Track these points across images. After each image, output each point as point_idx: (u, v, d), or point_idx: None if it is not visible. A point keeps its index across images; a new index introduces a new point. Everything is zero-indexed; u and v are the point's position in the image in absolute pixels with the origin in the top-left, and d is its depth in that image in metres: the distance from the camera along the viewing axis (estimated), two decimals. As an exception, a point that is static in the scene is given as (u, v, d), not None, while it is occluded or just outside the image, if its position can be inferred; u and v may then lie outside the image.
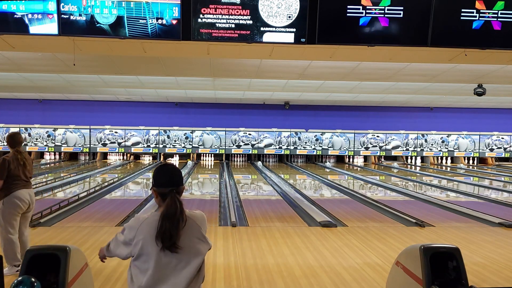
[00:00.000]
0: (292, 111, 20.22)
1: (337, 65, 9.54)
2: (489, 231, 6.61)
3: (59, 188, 10.96)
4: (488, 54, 6.67)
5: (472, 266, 4.72)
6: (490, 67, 9.36)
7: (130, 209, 7.99)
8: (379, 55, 7.27)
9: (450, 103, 19.03)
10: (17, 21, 5.17)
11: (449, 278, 2.43)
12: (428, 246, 2.53)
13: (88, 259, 2.74)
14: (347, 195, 10.59)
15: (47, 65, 9.65)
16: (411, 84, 12.55)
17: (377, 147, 21.07)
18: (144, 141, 20.32)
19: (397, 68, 9.82)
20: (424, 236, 6.28)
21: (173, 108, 20.17)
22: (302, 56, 7.49)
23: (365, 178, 14.69)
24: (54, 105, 19.78)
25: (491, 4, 5.25)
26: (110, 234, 6.03)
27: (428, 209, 8.54)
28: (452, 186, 13.36)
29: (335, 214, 7.72)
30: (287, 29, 5.28)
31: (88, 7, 5.13)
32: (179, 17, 5.20)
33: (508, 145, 21.56)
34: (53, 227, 6.50)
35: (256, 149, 20.64)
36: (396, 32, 5.33)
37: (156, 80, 12.65)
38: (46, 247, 2.47)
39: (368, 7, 5.20)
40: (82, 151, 20.20)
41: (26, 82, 12.92)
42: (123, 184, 12.18)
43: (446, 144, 21.35)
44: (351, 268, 4.70)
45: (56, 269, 2.19)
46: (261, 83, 12.81)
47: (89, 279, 2.69)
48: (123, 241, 2.15)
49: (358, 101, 18.24)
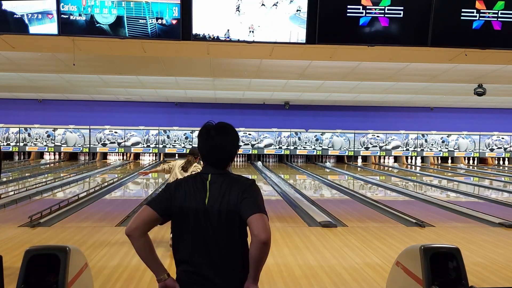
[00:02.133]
0: (292, 111, 20.21)
1: (337, 65, 9.54)
2: (489, 231, 6.61)
3: (59, 188, 10.96)
4: (488, 54, 6.67)
5: (472, 266, 4.71)
6: (490, 67, 9.36)
7: (130, 209, 7.99)
8: (379, 55, 7.27)
9: (450, 103, 19.03)
10: (17, 21, 5.17)
11: (449, 278, 2.43)
12: (428, 246, 2.53)
13: (88, 259, 2.74)
14: (347, 195, 10.59)
15: (47, 65, 9.65)
16: (411, 84, 12.54)
17: (377, 147, 21.07)
18: (144, 141, 20.32)
19: (397, 68, 9.81)
20: (424, 236, 6.28)
21: (173, 108, 20.17)
22: (302, 56, 7.49)
23: (365, 178, 14.69)
24: (54, 105, 19.78)
25: (491, 4, 5.25)
26: (110, 234, 6.03)
27: (428, 209, 8.54)
28: (452, 186, 13.36)
29: (335, 214, 7.72)
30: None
31: (88, 7, 5.13)
32: (179, 17, 5.20)
33: (508, 145, 21.56)
34: (53, 227, 6.50)
35: (256, 149, 20.64)
36: (396, 32, 5.32)
37: (156, 80, 12.65)
38: (46, 247, 2.47)
39: (368, 7, 5.20)
40: (82, 151, 20.21)
41: (26, 82, 12.92)
42: (123, 184, 12.18)
43: (446, 144, 21.35)
44: (351, 268, 4.70)
45: (56, 269, 2.19)
46: (261, 83, 12.81)
47: (89, 279, 2.68)
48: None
49: (358, 101, 18.24)
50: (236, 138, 2.03)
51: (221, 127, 2.02)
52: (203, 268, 1.92)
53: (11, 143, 19.82)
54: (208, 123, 2.04)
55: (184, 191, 1.96)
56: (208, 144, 1.99)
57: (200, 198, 1.94)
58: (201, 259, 1.93)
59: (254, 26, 5.30)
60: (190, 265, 1.94)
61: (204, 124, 2.05)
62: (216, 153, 1.99)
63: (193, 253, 1.94)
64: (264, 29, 5.32)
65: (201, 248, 1.93)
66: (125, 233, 1.97)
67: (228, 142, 2.00)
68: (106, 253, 5.16)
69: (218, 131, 1.99)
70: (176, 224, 1.98)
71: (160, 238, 5.68)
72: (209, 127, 2.01)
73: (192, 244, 1.94)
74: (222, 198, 1.93)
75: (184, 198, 1.95)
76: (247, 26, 5.30)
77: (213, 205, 1.92)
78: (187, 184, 1.99)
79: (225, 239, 1.92)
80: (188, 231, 1.94)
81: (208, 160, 2.02)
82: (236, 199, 1.92)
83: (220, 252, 1.92)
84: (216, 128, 2.01)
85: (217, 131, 1.99)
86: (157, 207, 1.95)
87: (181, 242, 1.97)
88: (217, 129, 2.00)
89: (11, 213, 7.63)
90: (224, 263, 1.92)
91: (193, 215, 1.93)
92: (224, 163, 2.02)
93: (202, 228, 1.92)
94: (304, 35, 5.31)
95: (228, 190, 1.94)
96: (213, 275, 1.91)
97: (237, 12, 5.24)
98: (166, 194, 1.98)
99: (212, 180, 1.97)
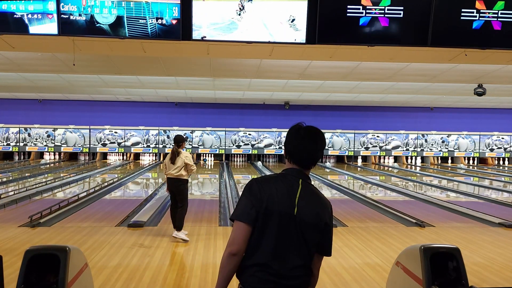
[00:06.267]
0: (292, 111, 20.22)
1: (337, 65, 9.54)
2: (489, 231, 6.61)
3: (59, 188, 10.96)
4: (488, 54, 6.67)
5: (472, 266, 4.71)
6: (490, 67, 9.36)
7: (130, 209, 7.99)
8: (379, 55, 7.27)
9: (450, 103, 19.03)
10: (17, 21, 5.17)
11: (449, 278, 2.43)
12: (428, 246, 2.53)
13: (88, 259, 2.74)
14: (347, 195, 10.59)
15: (47, 65, 9.65)
16: (411, 84, 12.55)
17: (377, 147, 21.08)
18: (144, 141, 20.32)
19: (397, 68, 9.81)
20: (424, 236, 6.28)
21: (173, 108, 20.17)
22: (302, 56, 7.48)
23: (365, 178, 14.69)
24: (54, 105, 19.78)
25: (491, 4, 5.24)
26: (109, 234, 6.03)
27: (428, 209, 8.54)
28: (452, 186, 13.36)
29: (335, 214, 7.67)
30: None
31: (88, 7, 5.13)
32: (179, 17, 5.19)
33: (508, 145, 21.56)
34: (53, 227, 6.50)
35: (256, 149, 20.64)
36: (396, 32, 5.32)
37: (156, 80, 12.64)
38: (46, 247, 2.46)
39: (368, 7, 5.20)
40: (82, 151, 20.21)
41: (26, 82, 12.92)
42: (123, 184, 12.18)
43: (446, 144, 21.35)
44: (351, 268, 4.70)
45: (56, 269, 2.19)
46: (261, 83, 12.81)
47: (89, 279, 2.68)
48: None
49: (358, 101, 18.24)
50: (324, 144, 2.05)
51: (313, 130, 2.01)
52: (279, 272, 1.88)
53: (11, 143, 19.83)
54: (300, 123, 2.02)
55: (271, 193, 1.90)
56: (298, 145, 1.97)
57: (289, 203, 1.90)
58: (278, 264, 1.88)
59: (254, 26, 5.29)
60: (264, 269, 1.88)
61: (296, 124, 2.03)
62: (306, 155, 1.97)
63: (273, 256, 1.89)
64: (264, 29, 5.32)
65: (281, 253, 1.89)
66: (230, 253, 1.88)
67: (319, 147, 2.00)
68: (106, 253, 5.16)
69: (309, 134, 1.98)
70: (258, 226, 1.90)
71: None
72: (300, 128, 2.00)
73: (274, 247, 1.89)
74: (311, 210, 1.92)
75: (272, 201, 1.89)
76: (247, 26, 5.29)
77: (301, 214, 1.90)
78: (275, 185, 1.94)
79: (304, 247, 1.92)
80: (270, 235, 1.89)
81: (295, 160, 1.99)
82: (323, 220, 1.95)
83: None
84: (307, 130, 2.00)
85: (308, 133, 1.98)
86: (250, 219, 1.88)
87: (259, 246, 1.90)
88: (308, 131, 1.99)
89: (11, 213, 7.63)
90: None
91: (278, 219, 1.89)
92: (310, 166, 2.01)
93: (285, 233, 1.89)
94: (304, 35, 5.31)
95: (317, 204, 1.95)
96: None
97: (237, 12, 5.24)
98: (253, 199, 1.90)
99: (303, 188, 1.95)
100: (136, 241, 5.73)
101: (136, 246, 5.49)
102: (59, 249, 2.25)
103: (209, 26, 5.26)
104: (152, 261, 4.87)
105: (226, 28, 5.27)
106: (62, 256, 2.21)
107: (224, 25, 5.27)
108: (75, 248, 2.40)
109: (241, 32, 5.29)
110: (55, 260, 2.20)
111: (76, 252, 2.41)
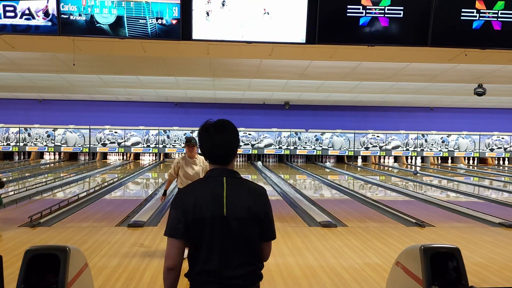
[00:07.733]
0: (292, 111, 20.22)
1: (337, 65, 9.54)
2: (489, 231, 6.61)
3: (58, 188, 10.96)
4: (488, 54, 6.67)
5: (472, 266, 4.71)
6: (490, 67, 9.36)
7: (130, 209, 7.99)
8: (379, 55, 7.27)
9: (450, 103, 19.03)
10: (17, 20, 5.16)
11: (449, 278, 2.43)
12: (428, 246, 2.52)
13: (88, 259, 2.74)
14: (347, 195, 10.59)
15: (47, 65, 9.65)
16: (411, 84, 12.55)
17: (377, 147, 21.08)
18: (144, 141, 20.32)
19: (397, 68, 9.81)
20: (424, 236, 6.28)
21: (173, 108, 20.17)
22: (302, 56, 7.49)
23: (365, 178, 14.69)
24: (54, 105, 19.78)
25: (491, 4, 5.24)
26: (109, 234, 6.03)
27: (428, 209, 8.54)
28: (452, 186, 13.36)
29: (335, 214, 7.72)
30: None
31: (88, 7, 5.13)
32: (179, 17, 5.19)
33: (508, 145, 21.56)
34: (53, 227, 6.50)
35: (256, 149, 20.64)
36: (396, 32, 5.32)
37: (156, 80, 12.65)
38: (46, 247, 2.47)
39: (368, 7, 5.20)
40: (82, 151, 20.21)
41: (26, 82, 12.92)
42: (123, 184, 12.18)
43: (446, 144, 21.35)
44: (351, 268, 4.70)
45: (56, 269, 2.19)
46: (261, 83, 12.81)
47: (89, 279, 2.68)
48: None
49: (358, 101, 18.24)
50: (235, 133, 2.00)
51: (220, 124, 1.99)
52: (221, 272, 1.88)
53: (11, 143, 19.83)
54: (207, 121, 2.01)
55: (196, 201, 1.88)
56: (209, 143, 1.95)
57: (217, 206, 1.87)
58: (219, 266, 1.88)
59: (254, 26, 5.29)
60: (207, 274, 1.88)
61: (203, 123, 2.02)
62: (219, 150, 1.94)
63: (209, 261, 1.88)
64: (264, 29, 5.32)
65: (221, 256, 1.88)
66: (167, 267, 1.90)
67: (228, 138, 1.96)
68: (106, 253, 5.16)
69: (217, 129, 1.96)
70: (192, 236, 1.89)
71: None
72: (208, 126, 1.98)
73: (213, 252, 1.88)
74: (242, 206, 1.89)
75: (200, 208, 1.86)
76: (247, 26, 5.29)
77: (232, 212, 1.87)
78: (200, 191, 1.91)
79: (243, 245, 1.90)
80: (206, 242, 1.88)
81: (212, 159, 1.97)
82: (259, 211, 1.92)
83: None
84: (215, 125, 1.97)
85: (216, 129, 1.96)
86: (179, 233, 1.87)
87: (199, 254, 1.89)
88: (216, 127, 1.96)
89: (11, 213, 7.63)
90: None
91: (210, 224, 1.86)
92: (228, 160, 1.97)
93: (220, 236, 1.87)
94: (304, 35, 5.31)
95: (247, 197, 1.92)
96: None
97: (237, 12, 5.24)
98: (179, 211, 1.88)
99: (229, 186, 1.91)
100: (136, 241, 5.73)
101: (136, 246, 5.49)
102: (59, 249, 2.25)
103: (209, 26, 5.26)
104: (152, 261, 4.87)
105: (226, 27, 5.28)
106: (62, 256, 2.21)
107: (223, 24, 5.27)
108: (75, 248, 2.40)
109: (241, 33, 5.30)
110: (55, 260, 2.20)
111: (76, 252, 2.41)
